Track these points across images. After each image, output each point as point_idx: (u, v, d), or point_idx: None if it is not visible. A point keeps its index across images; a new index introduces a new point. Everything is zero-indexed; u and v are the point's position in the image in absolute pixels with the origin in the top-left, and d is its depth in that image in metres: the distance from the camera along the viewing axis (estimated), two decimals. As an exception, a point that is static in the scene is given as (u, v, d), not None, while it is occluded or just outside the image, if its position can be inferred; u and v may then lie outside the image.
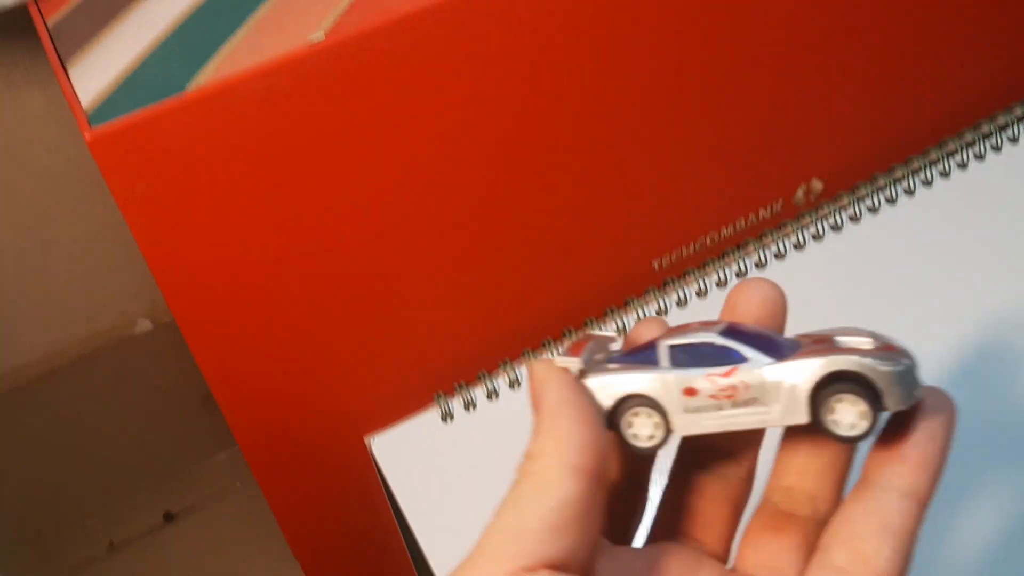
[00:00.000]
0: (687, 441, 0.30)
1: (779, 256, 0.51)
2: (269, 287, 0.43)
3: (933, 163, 0.52)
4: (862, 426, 0.26)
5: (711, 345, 0.27)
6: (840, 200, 0.52)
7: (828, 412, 0.26)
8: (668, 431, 0.27)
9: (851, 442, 0.26)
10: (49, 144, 0.60)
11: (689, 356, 0.27)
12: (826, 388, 0.26)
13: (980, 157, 0.53)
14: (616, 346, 0.31)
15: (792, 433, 0.29)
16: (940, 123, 0.53)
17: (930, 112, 0.53)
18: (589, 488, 0.25)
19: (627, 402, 0.27)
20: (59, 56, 0.40)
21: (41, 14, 0.44)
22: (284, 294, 0.43)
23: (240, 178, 0.39)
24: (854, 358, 0.26)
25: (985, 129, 0.53)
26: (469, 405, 0.49)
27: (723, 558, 0.29)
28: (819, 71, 0.48)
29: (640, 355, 0.28)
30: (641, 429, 0.28)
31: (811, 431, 0.27)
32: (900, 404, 0.26)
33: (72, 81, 0.39)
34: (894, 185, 0.52)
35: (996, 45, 0.53)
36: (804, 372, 0.26)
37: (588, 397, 0.27)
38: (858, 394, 0.26)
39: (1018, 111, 0.54)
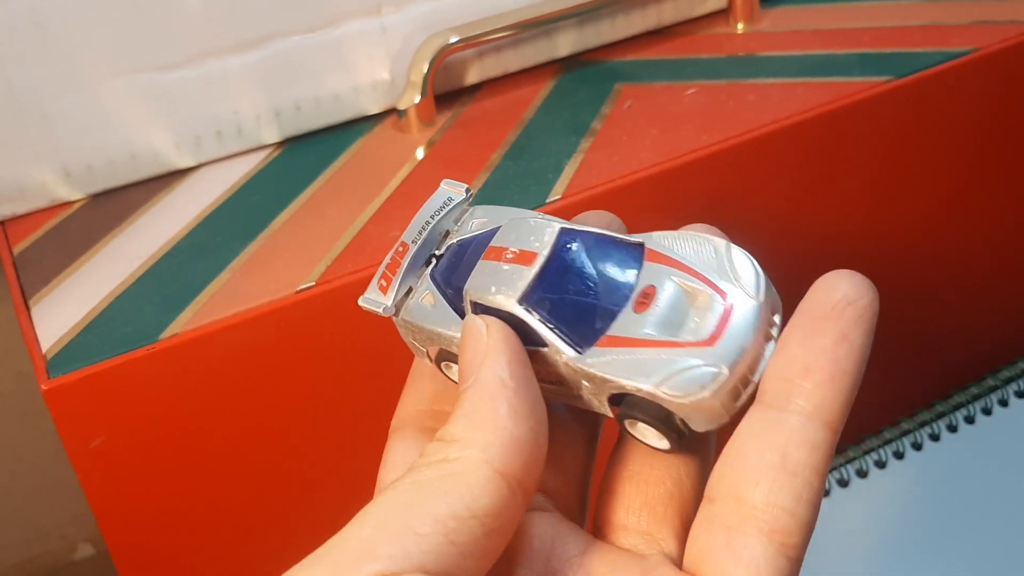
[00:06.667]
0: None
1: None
2: (213, 534, 0.38)
3: (940, 416, 0.50)
4: (664, 444, 0.22)
5: (513, 316, 0.22)
6: (846, 454, 0.50)
7: (630, 425, 0.22)
8: None
9: (665, 451, 0.23)
10: (1, 356, 0.56)
11: None
12: (620, 405, 0.22)
13: (988, 412, 0.51)
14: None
15: None
16: (947, 377, 0.52)
17: (938, 366, 0.51)
18: (511, 501, 0.19)
19: (441, 352, 0.25)
20: (22, 290, 0.37)
21: (7, 238, 0.41)
22: (226, 542, 0.39)
23: (206, 427, 0.36)
24: (644, 386, 0.21)
25: (990, 383, 0.52)
26: None
27: (578, 511, 0.24)
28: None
29: (453, 292, 0.24)
30: (456, 375, 0.25)
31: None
32: (712, 422, 0.21)
33: (34, 320, 0.35)
34: (901, 439, 0.50)
35: (997, 303, 0.52)
36: (595, 383, 0.22)
37: (530, 377, 0.21)
38: (650, 423, 0.21)
39: (1022, 365, 0.53)
